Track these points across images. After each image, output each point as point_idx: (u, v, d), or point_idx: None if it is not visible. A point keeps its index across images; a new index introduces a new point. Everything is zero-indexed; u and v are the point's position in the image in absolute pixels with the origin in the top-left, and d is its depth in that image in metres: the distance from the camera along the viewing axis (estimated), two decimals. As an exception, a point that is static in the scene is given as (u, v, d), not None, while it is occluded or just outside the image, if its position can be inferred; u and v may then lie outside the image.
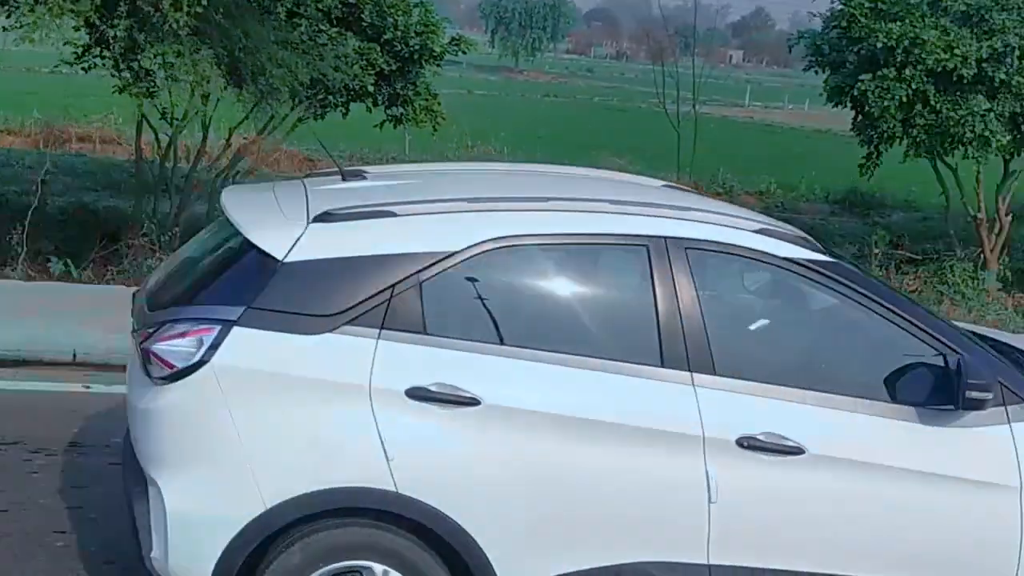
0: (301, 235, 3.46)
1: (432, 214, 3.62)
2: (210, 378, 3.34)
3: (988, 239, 11.82)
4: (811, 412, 3.56)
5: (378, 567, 3.43)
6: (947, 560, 3.68)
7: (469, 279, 3.53)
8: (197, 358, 3.34)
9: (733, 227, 3.78)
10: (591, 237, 3.69)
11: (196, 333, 3.37)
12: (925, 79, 10.56)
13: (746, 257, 3.73)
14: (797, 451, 3.51)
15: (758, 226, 3.82)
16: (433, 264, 3.46)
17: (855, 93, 10.95)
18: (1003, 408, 3.60)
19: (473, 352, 3.43)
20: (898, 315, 3.69)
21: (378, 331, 3.39)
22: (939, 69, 10.46)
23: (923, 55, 10.42)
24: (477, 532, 3.39)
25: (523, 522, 3.44)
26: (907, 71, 10.54)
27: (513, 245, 3.56)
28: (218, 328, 3.35)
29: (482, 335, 3.48)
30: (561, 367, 3.46)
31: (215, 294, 3.51)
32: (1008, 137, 10.74)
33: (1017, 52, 10.47)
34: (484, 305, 3.57)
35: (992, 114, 10.53)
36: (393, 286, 3.42)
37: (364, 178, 4.07)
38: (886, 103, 10.65)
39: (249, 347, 3.35)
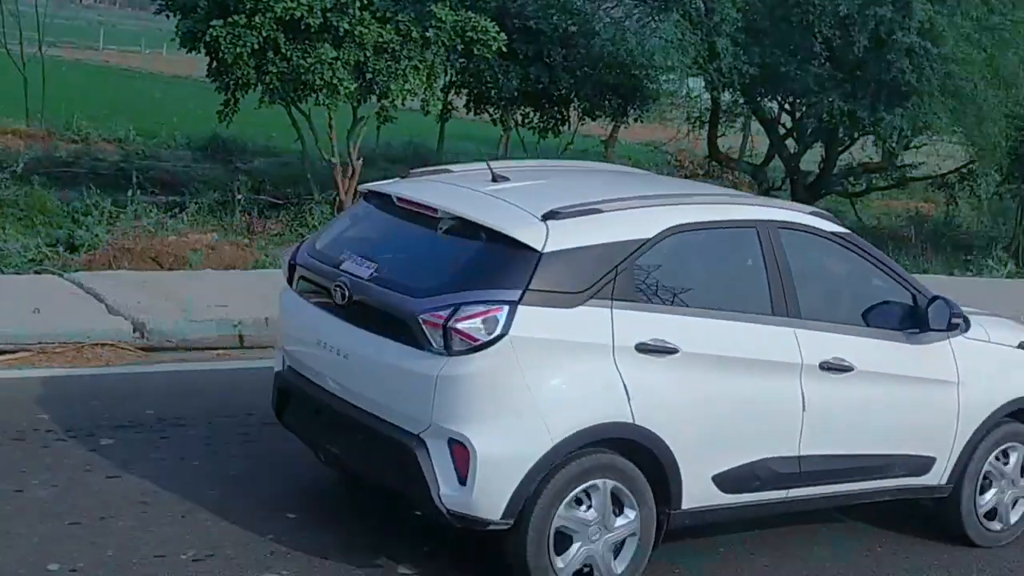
0: (548, 231, 4.44)
1: (625, 210, 4.75)
2: (507, 347, 4.26)
3: (343, 183, 12.44)
4: (853, 341, 5.16)
5: (607, 483, 4.53)
6: (921, 431, 5.44)
7: (659, 259, 4.70)
8: (497, 332, 4.25)
9: (799, 211, 5.47)
10: (728, 223, 5.07)
11: (491, 312, 4.26)
12: (275, 27, 10.80)
13: (809, 232, 5.24)
14: (849, 369, 5.09)
15: (810, 210, 5.58)
16: (637, 248, 4.61)
17: (207, 39, 10.91)
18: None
19: (669, 314, 4.65)
20: (888, 270, 5.45)
21: (610, 302, 4.50)
22: (287, 17, 10.75)
23: (272, 3, 10.64)
24: (672, 444, 4.59)
25: (699, 434, 4.68)
26: (257, 18, 10.70)
27: (684, 231, 4.81)
28: (507, 308, 4.28)
29: (673, 300, 4.70)
30: (723, 321, 4.78)
31: (492, 280, 4.37)
32: (354, 85, 11.35)
33: (359, 3, 11.06)
34: (672, 277, 4.74)
35: (339, 62, 11.05)
36: (616, 267, 4.53)
37: (508, 180, 4.97)
38: (238, 50, 10.75)
39: (529, 320, 4.31)
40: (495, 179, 4.96)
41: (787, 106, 16.72)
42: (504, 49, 12.34)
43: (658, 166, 22.95)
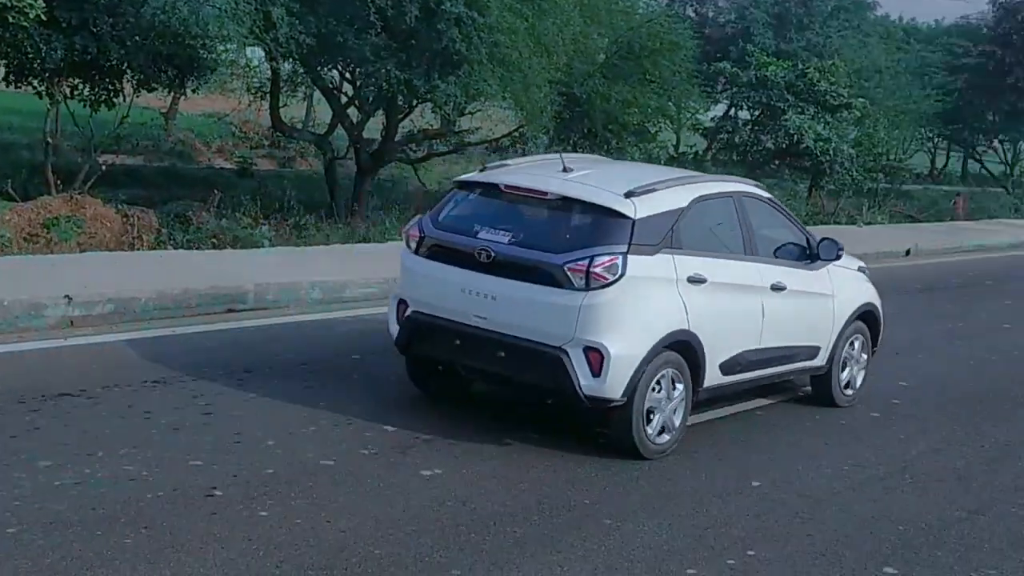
0: (635, 205, 6.71)
1: (668, 189, 7.11)
2: (623, 283, 6.51)
3: None
4: (783, 271, 7.67)
5: (668, 371, 6.87)
6: (815, 329, 8.11)
7: (689, 220, 7.04)
8: (618, 274, 6.50)
9: (749, 184, 8.14)
10: (719, 194, 7.56)
11: (614, 260, 6.51)
12: None
13: (756, 199, 7.88)
14: (784, 288, 7.62)
15: (753, 183, 8.18)
16: (680, 214, 6.97)
17: None
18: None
19: (699, 256, 7.01)
20: (794, 223, 8.22)
21: (671, 250, 6.83)
22: None
23: None
24: (704, 343, 6.98)
25: (716, 335, 7.05)
26: None
27: (700, 201, 7.23)
28: (622, 257, 6.53)
29: (698, 247, 7.08)
30: (724, 260, 7.26)
31: (608, 239, 6.61)
32: None
33: None
34: (696, 231, 7.12)
35: None
36: (671, 226, 6.87)
37: (574, 170, 7.19)
38: None
39: (634, 265, 6.56)
40: (565, 169, 7.16)
41: (347, 75, 16.92)
42: (44, 17, 11.49)
43: (223, 138, 22.40)
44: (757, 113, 23.97)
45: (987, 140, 43.46)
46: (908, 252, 18.84)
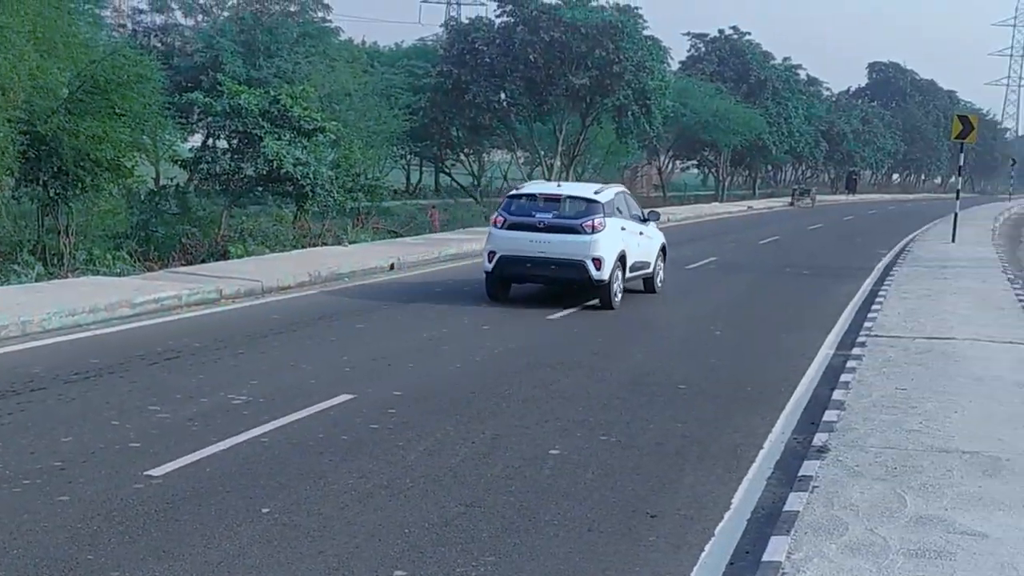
0: (600, 196, 16.26)
1: (607, 189, 16.91)
2: (604, 231, 15.74)
3: None
4: (640, 225, 17.43)
5: (618, 268, 16.28)
6: (651, 253, 17.78)
7: (616, 203, 16.67)
8: (604, 227, 15.73)
9: (622, 185, 20.35)
10: (621, 191, 17.76)
11: (599, 220, 15.72)
12: None
13: (625, 193, 18.10)
14: (643, 233, 17.49)
15: (620, 187, 18.38)
16: (612, 199, 16.54)
17: None
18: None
19: (621, 218, 16.62)
20: (637, 204, 18.46)
21: (613, 216, 16.20)
22: None
23: None
24: (627, 254, 16.60)
25: (629, 252, 16.62)
26: None
27: (618, 194, 17.17)
28: (603, 218, 15.78)
29: (620, 215, 16.65)
30: (628, 220, 16.94)
31: (593, 211, 15.79)
32: None
33: None
34: (618, 207, 16.77)
35: None
36: (614, 204, 16.49)
37: (561, 185, 18.23)
38: None
39: (605, 222, 15.82)
40: (559, 185, 17.93)
41: None
42: None
43: None
44: (235, 142, 23.98)
45: (454, 154, 46.81)
46: (392, 266, 19.82)
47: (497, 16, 40.05)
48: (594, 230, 15.57)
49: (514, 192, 16.87)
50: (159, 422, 8.72)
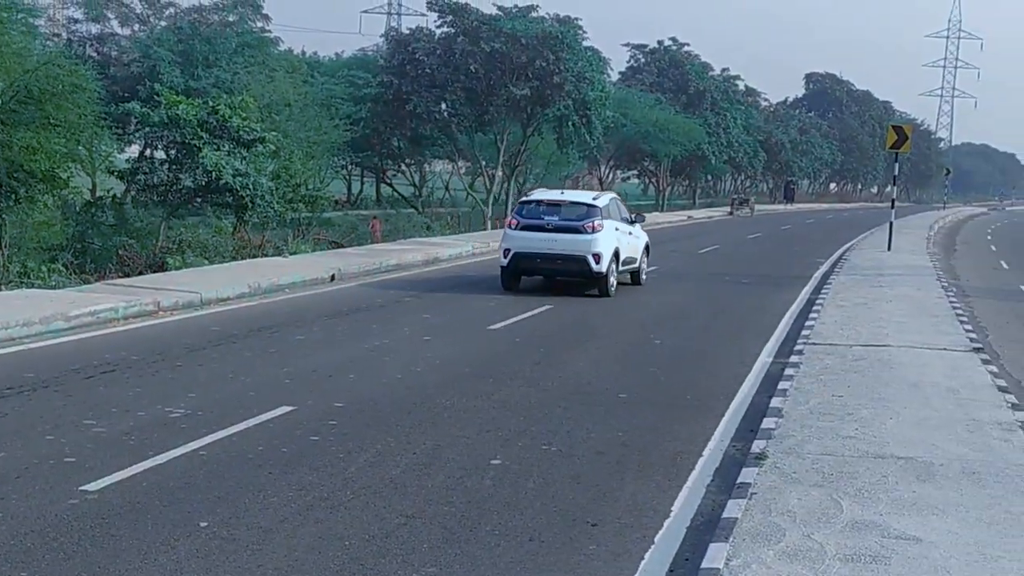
0: (598, 201, 19.76)
1: (602, 195, 20.70)
2: (601, 231, 18.89)
3: None
4: (628, 226, 20.58)
5: (614, 262, 19.52)
6: (637, 251, 20.97)
7: (610, 207, 20.00)
8: (602, 227, 18.86)
9: (614, 192, 24.77)
10: (614, 197, 21.58)
11: (597, 222, 18.84)
12: None
13: (617, 199, 21.76)
14: (631, 233, 20.59)
15: (612, 194, 22.21)
16: (607, 204, 19.91)
17: None
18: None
19: (613, 220, 19.74)
20: (628, 208, 22.85)
21: (607, 219, 19.38)
22: None
23: None
24: (620, 250, 19.69)
25: (621, 248, 19.68)
26: None
27: (612, 200, 20.72)
28: (600, 219, 18.91)
29: (612, 217, 19.77)
30: (619, 221, 20.08)
31: (593, 214, 18.98)
32: None
33: None
34: (612, 212, 20.07)
35: None
36: (608, 209, 19.77)
37: (563, 192, 22.80)
38: None
39: (602, 223, 19.01)
40: (562, 192, 21.68)
41: None
42: None
43: None
44: (173, 152, 23.72)
45: (396, 164, 46.70)
46: (333, 277, 19.72)
47: (438, 27, 40.09)
48: (593, 230, 18.72)
49: (525, 198, 20.91)
50: (95, 436, 8.59)
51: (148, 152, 27.45)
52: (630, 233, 20.35)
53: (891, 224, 34.86)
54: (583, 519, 7.21)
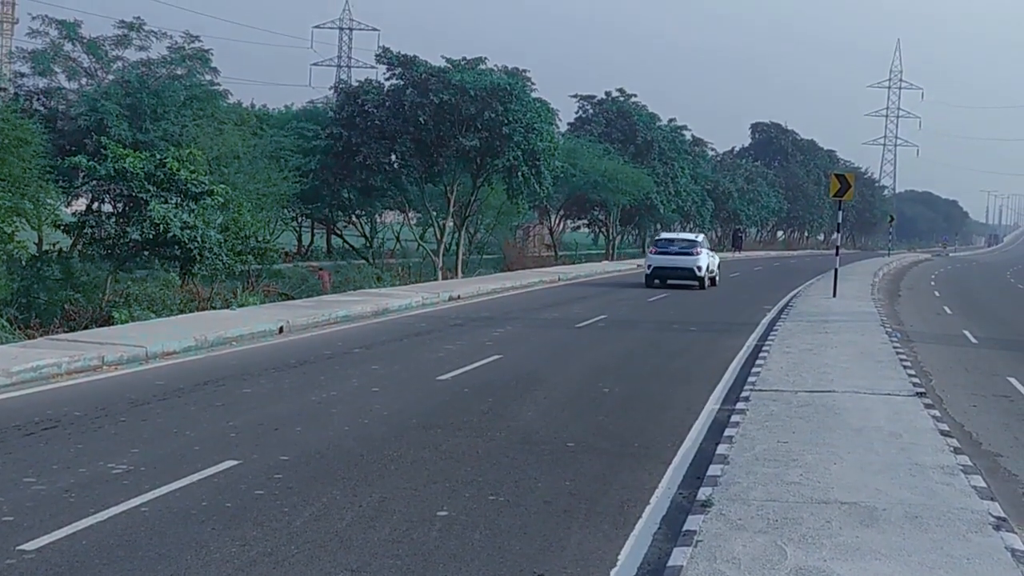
0: (700, 239, 39.68)
1: (699, 233, 56.79)
2: (702, 253, 37.42)
3: None
4: (710, 252, 40.83)
5: (713, 270, 41.02)
6: (714, 266, 40.20)
7: (703, 241, 42.23)
8: (700, 252, 37.31)
9: (703, 233, 61.94)
10: (703, 233, 60.55)
11: (699, 249, 37.39)
12: None
13: (706, 236, 57.56)
14: (712, 254, 42.10)
15: (702, 235, 46.21)
16: (704, 240, 46.74)
17: None
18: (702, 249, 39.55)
19: (706, 249, 41.66)
20: (708, 243, 43.20)
21: (703, 248, 39.81)
22: None
23: None
24: (713, 266, 40.44)
25: (709, 265, 39.32)
26: None
27: (702, 234, 55.40)
28: (699, 248, 37.74)
29: (705, 248, 40.72)
30: (708, 249, 40.67)
31: (695, 245, 37.64)
32: None
33: None
34: (704, 244, 41.61)
35: None
36: (703, 243, 40.92)
37: (672, 231, 59.97)
38: None
39: (703, 251, 38.09)
40: (677, 233, 45.78)
41: None
42: None
43: None
44: (120, 205, 23.54)
45: (346, 216, 46.65)
46: (281, 330, 19.61)
47: (387, 79, 40.23)
48: (696, 253, 36.71)
49: (658, 238, 41.29)
50: (34, 494, 8.46)
51: (95, 205, 27.19)
52: (711, 256, 38.76)
53: (836, 271, 35.36)
54: (530, 570, 7.20)
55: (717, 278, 39.26)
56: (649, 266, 37.60)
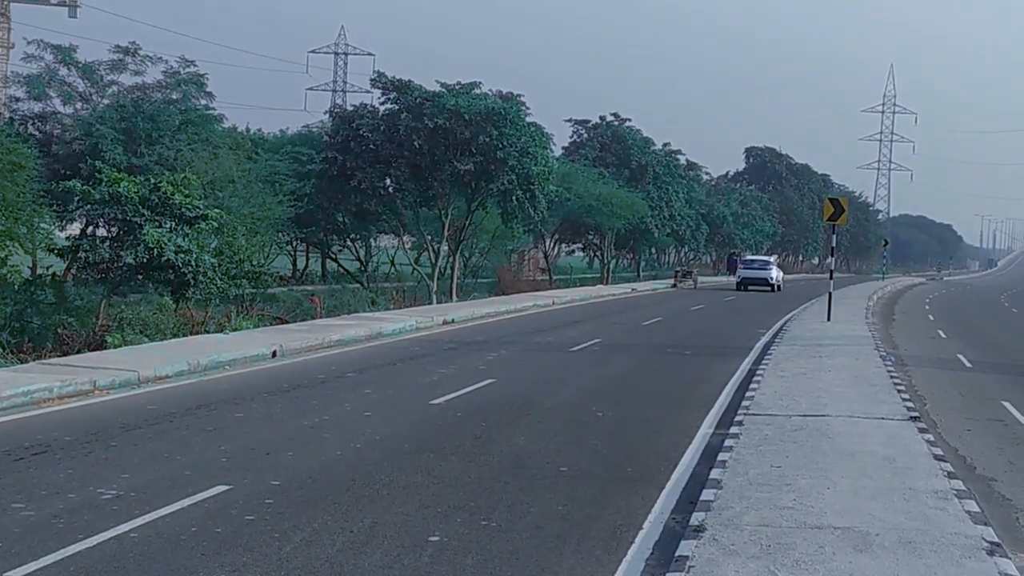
0: (773, 261, 67.32)
1: (770, 255, 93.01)
2: (773, 268, 62.01)
3: None
4: (777, 268, 67.58)
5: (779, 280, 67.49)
6: (780, 279, 64.82)
7: (775, 263, 74.47)
8: (773, 268, 62.23)
9: (774, 256, 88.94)
10: (775, 257, 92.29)
11: (772, 266, 62.66)
12: None
13: (776, 259, 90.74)
14: (780, 268, 78.35)
15: (774, 256, 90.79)
16: (775, 261, 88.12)
17: None
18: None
19: (776, 267, 68.29)
20: (774, 261, 70.89)
21: (774, 267, 67.47)
22: None
23: None
24: (781, 278, 71.70)
25: (778, 278, 65.67)
26: None
27: (773, 256, 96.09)
28: (772, 265, 63.16)
29: (776, 266, 70.38)
30: (775, 267, 69.58)
31: (769, 263, 63.43)
32: None
33: None
34: (775, 265, 72.17)
35: None
36: (774, 264, 70.45)
37: (744, 252, 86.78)
38: None
39: (774, 268, 62.90)
40: (755, 255, 76.72)
41: None
42: None
43: None
44: (115, 229, 23.52)
45: (341, 240, 46.68)
46: (274, 354, 19.56)
47: (381, 103, 40.34)
48: (769, 269, 59.61)
49: (745, 258, 67.62)
50: (23, 520, 8.40)
51: (89, 230, 27.18)
52: (779, 271, 60.07)
53: (830, 295, 35.39)
54: (521, 596, 7.15)
55: (782, 286, 59.79)
56: (740, 277, 59.70)
